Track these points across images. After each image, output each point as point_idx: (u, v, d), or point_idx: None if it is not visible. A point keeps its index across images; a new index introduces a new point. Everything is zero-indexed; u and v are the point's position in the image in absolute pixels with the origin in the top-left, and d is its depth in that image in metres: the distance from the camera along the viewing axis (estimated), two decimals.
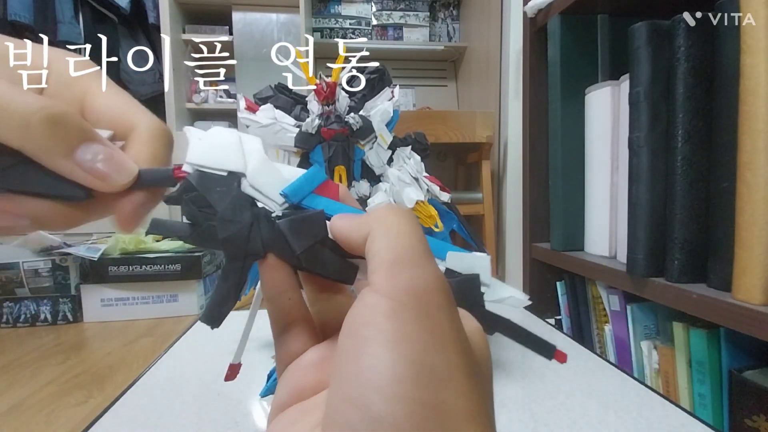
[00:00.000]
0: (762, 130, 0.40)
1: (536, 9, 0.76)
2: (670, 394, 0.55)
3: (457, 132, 1.40)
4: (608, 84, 0.63)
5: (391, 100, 0.41)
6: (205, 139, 0.17)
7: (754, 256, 0.41)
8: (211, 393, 0.44)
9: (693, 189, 0.49)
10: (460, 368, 0.12)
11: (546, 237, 0.80)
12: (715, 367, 0.50)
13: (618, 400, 0.42)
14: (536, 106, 0.81)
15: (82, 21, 1.52)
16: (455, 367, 0.12)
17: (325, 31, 2.04)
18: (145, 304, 1.30)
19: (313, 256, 0.16)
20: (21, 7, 1.39)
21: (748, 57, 0.41)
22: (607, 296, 0.66)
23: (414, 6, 2.07)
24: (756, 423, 0.44)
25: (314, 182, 0.17)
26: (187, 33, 1.71)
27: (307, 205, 0.17)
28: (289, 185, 0.17)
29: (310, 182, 0.17)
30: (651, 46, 0.51)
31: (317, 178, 0.17)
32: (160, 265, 1.27)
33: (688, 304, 0.48)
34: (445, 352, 0.12)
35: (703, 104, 0.48)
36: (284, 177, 0.17)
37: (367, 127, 0.38)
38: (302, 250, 0.16)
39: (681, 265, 0.50)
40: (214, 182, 0.16)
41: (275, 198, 0.16)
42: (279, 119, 0.38)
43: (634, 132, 0.54)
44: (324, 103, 0.35)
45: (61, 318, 1.27)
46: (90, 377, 0.91)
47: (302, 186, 0.17)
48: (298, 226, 0.16)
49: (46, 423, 0.73)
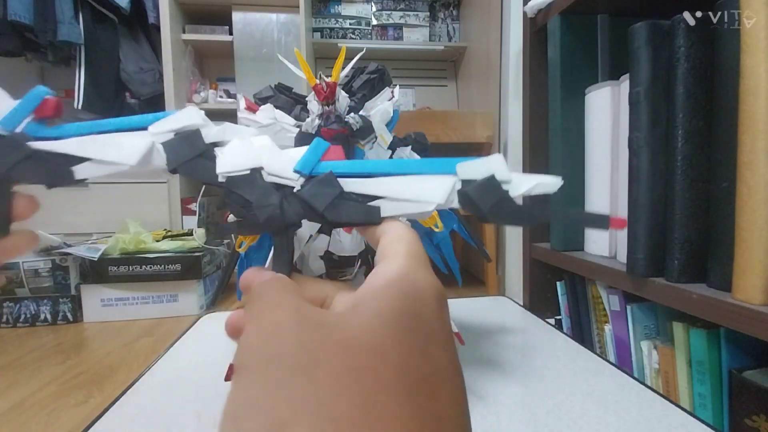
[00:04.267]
0: (762, 130, 0.40)
1: (536, 9, 0.76)
2: (670, 394, 0.55)
3: (457, 132, 1.40)
4: (608, 84, 0.63)
5: (391, 100, 0.41)
6: (225, 151, 0.20)
7: (754, 256, 0.41)
8: (211, 393, 0.44)
9: (693, 189, 0.49)
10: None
11: (546, 237, 0.80)
12: (715, 367, 0.50)
13: (618, 400, 0.42)
14: (536, 106, 0.81)
15: (82, 21, 1.51)
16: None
17: (325, 31, 2.04)
18: (145, 304, 1.30)
19: (335, 209, 0.18)
20: (21, 7, 1.39)
21: (748, 57, 0.41)
22: (607, 296, 0.66)
23: (414, 6, 2.07)
24: (756, 423, 0.44)
25: (318, 152, 0.19)
26: (187, 33, 1.71)
27: (319, 172, 0.19)
28: (297, 162, 0.19)
29: (314, 153, 0.19)
30: (651, 46, 0.51)
31: (320, 148, 0.19)
32: (160, 265, 1.27)
33: (688, 304, 0.48)
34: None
35: (703, 104, 0.48)
36: (294, 157, 0.19)
37: (367, 127, 0.38)
38: (323, 207, 0.18)
39: (681, 265, 0.50)
40: (242, 181, 0.19)
41: (291, 176, 0.19)
42: (279, 119, 0.38)
43: (634, 132, 0.54)
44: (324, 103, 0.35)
45: (61, 318, 1.27)
46: (90, 377, 0.90)
47: (309, 159, 0.19)
48: (314, 191, 0.18)
49: (46, 423, 0.73)
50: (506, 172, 0.17)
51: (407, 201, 0.18)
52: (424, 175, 0.18)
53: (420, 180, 0.18)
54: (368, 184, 0.18)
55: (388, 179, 0.18)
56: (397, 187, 0.18)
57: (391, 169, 0.18)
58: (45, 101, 0.20)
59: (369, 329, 0.13)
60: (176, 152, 0.20)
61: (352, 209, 0.18)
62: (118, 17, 1.63)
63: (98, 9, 1.57)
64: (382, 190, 0.18)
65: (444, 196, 0.17)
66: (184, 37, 1.70)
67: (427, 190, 0.17)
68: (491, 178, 0.17)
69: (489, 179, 0.17)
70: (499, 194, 0.17)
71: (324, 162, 0.19)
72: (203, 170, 0.20)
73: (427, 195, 0.17)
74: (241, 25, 1.74)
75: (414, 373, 0.13)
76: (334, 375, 0.12)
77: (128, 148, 0.19)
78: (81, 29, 1.51)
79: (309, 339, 0.13)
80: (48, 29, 1.43)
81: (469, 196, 0.17)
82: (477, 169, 0.17)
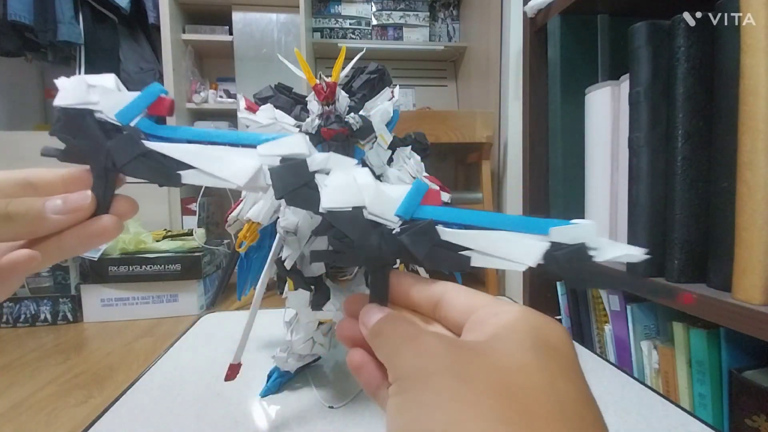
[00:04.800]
0: (762, 130, 0.40)
1: (536, 9, 0.76)
2: (670, 394, 0.55)
3: (457, 132, 1.40)
4: (608, 84, 0.63)
5: (391, 100, 0.41)
6: (329, 185, 0.21)
7: (754, 256, 0.41)
8: (211, 393, 0.44)
9: (693, 189, 0.49)
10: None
11: None
12: (715, 367, 0.50)
13: (618, 400, 0.42)
14: (536, 106, 0.81)
15: (82, 21, 1.51)
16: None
17: (325, 31, 2.04)
18: (145, 304, 1.30)
19: (432, 257, 0.19)
20: (21, 7, 1.39)
21: (748, 57, 0.41)
22: (607, 296, 0.66)
23: (414, 6, 2.07)
24: (756, 423, 0.44)
25: (418, 197, 0.20)
26: (187, 33, 1.71)
27: (418, 216, 0.20)
28: (399, 206, 0.20)
29: (415, 198, 0.20)
30: (651, 46, 0.51)
31: (420, 192, 0.20)
32: (160, 265, 1.27)
33: (688, 304, 0.48)
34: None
35: (703, 104, 0.48)
36: (394, 197, 0.20)
37: (367, 127, 0.37)
38: (423, 255, 0.19)
39: (681, 265, 0.50)
40: (344, 218, 0.20)
41: (392, 219, 0.20)
42: (279, 119, 0.38)
43: (634, 132, 0.54)
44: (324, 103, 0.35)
45: (61, 318, 1.27)
46: (90, 377, 0.91)
47: (410, 203, 0.20)
48: (415, 239, 0.19)
49: (46, 423, 0.73)
50: (596, 239, 0.18)
51: (498, 258, 0.19)
52: (516, 233, 0.19)
53: (512, 238, 0.19)
54: (463, 236, 0.19)
55: (482, 234, 0.19)
56: (490, 243, 0.19)
57: (486, 223, 0.19)
58: (160, 99, 0.21)
59: (515, 354, 0.15)
60: (283, 180, 0.21)
61: (447, 257, 0.19)
62: (118, 17, 1.63)
63: (98, 9, 1.57)
64: (476, 243, 0.19)
65: (536, 260, 0.18)
66: (184, 37, 1.70)
67: (519, 250, 0.18)
68: (582, 247, 0.17)
69: (580, 247, 0.17)
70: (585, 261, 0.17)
71: (424, 206, 0.20)
72: (308, 200, 0.21)
73: (519, 256, 0.18)
74: (241, 25, 1.74)
75: (562, 393, 0.14)
76: (493, 388, 0.14)
77: (238, 168, 0.20)
78: (81, 29, 1.51)
79: (465, 359, 0.15)
80: (48, 29, 1.43)
81: (558, 261, 0.17)
82: (569, 234, 0.18)
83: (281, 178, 0.21)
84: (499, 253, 0.19)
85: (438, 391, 0.14)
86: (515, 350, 0.15)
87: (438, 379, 0.15)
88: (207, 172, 0.20)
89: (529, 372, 0.14)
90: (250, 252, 0.47)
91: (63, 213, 0.20)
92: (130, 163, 0.20)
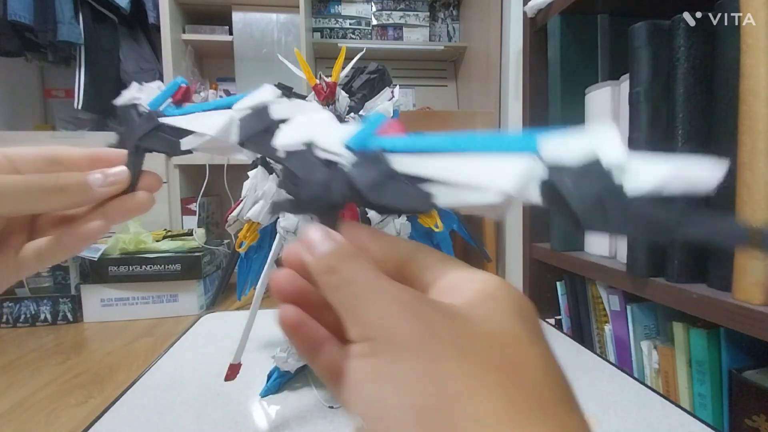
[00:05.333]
0: (762, 130, 0.40)
1: (536, 9, 0.76)
2: (670, 394, 0.55)
3: None
4: (608, 84, 0.63)
5: (391, 100, 0.41)
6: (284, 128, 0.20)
7: (754, 256, 0.41)
8: (211, 393, 0.44)
9: None
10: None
11: (546, 237, 0.79)
12: (715, 367, 0.50)
13: (618, 400, 0.42)
14: (536, 106, 0.81)
15: (82, 21, 1.51)
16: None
17: (325, 31, 2.04)
18: (145, 304, 1.30)
19: (380, 191, 0.15)
20: (21, 7, 1.39)
21: (748, 57, 0.41)
22: (607, 296, 0.66)
23: (414, 6, 2.07)
24: (756, 423, 0.44)
25: (373, 126, 0.17)
26: (187, 33, 1.71)
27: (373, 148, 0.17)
28: (351, 137, 0.17)
29: (370, 128, 0.17)
30: (651, 46, 0.51)
31: (376, 122, 0.18)
32: (160, 265, 1.27)
33: (688, 304, 0.47)
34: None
35: (703, 104, 0.48)
36: (348, 131, 0.18)
37: None
38: (366, 187, 0.15)
39: (681, 265, 0.50)
40: (295, 156, 0.19)
41: (342, 152, 0.17)
42: None
43: (634, 132, 0.53)
44: (324, 103, 0.35)
45: (61, 318, 1.27)
46: (90, 377, 0.90)
47: (362, 133, 0.17)
48: (361, 169, 0.16)
49: (46, 423, 0.73)
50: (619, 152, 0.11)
51: (467, 187, 0.13)
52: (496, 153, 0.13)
53: (489, 160, 0.13)
54: (421, 164, 0.15)
55: (447, 159, 0.14)
56: (457, 168, 0.14)
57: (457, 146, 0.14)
58: (179, 89, 0.25)
59: (504, 324, 0.14)
60: (246, 126, 0.21)
61: (401, 192, 0.15)
62: (118, 17, 1.63)
63: (98, 9, 1.56)
64: (438, 171, 0.14)
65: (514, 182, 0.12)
66: (184, 37, 1.70)
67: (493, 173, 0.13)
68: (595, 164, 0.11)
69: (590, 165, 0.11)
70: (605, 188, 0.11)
71: (380, 137, 0.17)
72: (265, 144, 0.20)
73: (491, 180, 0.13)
74: (241, 25, 1.74)
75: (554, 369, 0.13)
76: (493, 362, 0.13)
77: (212, 121, 0.22)
78: (81, 29, 1.50)
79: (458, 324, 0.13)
80: (48, 29, 1.43)
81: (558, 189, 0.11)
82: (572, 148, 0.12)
83: (245, 124, 0.21)
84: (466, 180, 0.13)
85: (432, 360, 0.12)
86: (504, 320, 0.14)
87: (432, 346, 0.13)
88: (193, 131, 0.23)
89: (522, 344, 0.13)
90: (250, 252, 0.47)
91: (104, 186, 0.22)
92: (145, 137, 0.24)
